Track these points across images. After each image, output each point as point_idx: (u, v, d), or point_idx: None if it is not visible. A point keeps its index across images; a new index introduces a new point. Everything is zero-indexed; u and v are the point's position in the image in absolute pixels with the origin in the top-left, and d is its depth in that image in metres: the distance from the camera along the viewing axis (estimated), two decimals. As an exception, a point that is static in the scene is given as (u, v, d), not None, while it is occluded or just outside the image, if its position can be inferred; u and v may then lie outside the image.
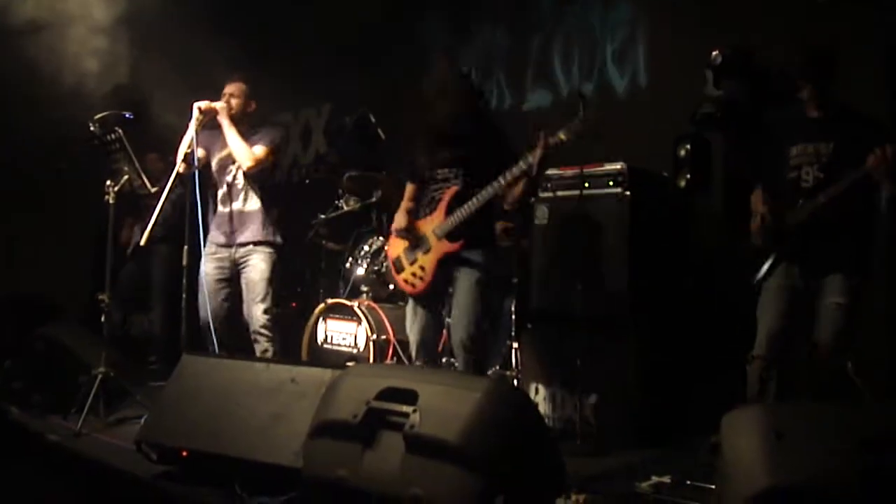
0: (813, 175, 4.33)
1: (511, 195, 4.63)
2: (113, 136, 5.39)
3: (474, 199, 4.55)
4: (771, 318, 4.39)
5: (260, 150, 5.51)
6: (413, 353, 4.90)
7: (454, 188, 4.67)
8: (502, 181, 4.48)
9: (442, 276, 4.72)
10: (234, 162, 5.58)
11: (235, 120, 5.56)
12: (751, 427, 2.83)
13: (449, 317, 5.14)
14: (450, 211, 4.65)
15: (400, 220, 4.84)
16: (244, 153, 5.47)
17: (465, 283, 4.65)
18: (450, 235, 4.64)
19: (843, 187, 4.15)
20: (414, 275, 4.76)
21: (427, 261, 4.72)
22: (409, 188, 4.99)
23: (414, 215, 4.86)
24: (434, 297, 4.86)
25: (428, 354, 4.86)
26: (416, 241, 4.77)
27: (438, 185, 4.78)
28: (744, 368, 5.09)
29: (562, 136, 4.41)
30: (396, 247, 4.91)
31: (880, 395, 4.53)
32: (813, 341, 4.24)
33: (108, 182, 5.42)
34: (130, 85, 5.79)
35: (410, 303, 4.88)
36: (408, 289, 4.83)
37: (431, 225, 4.72)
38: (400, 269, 4.85)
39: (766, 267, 4.43)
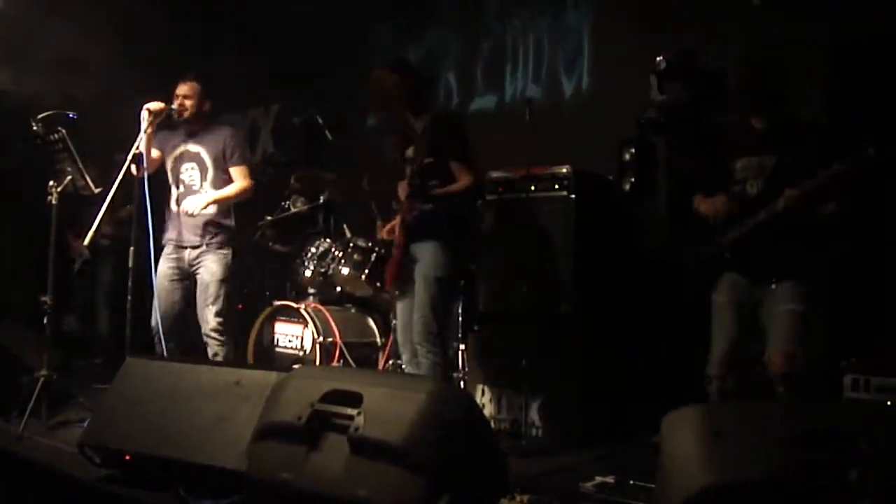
0: (757, 188, 4.28)
1: None
2: (56, 135, 5.31)
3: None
4: (722, 337, 4.35)
5: (241, 175, 5.66)
6: (399, 343, 5.04)
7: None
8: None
9: (399, 274, 4.79)
10: (189, 161, 5.60)
11: (190, 120, 5.55)
12: (690, 427, 2.87)
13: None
14: None
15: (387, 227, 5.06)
16: (241, 196, 5.68)
17: (417, 279, 4.72)
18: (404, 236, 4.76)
19: (766, 217, 4.13)
20: (384, 271, 4.99)
21: (392, 260, 4.84)
22: None
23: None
24: (406, 291, 4.89)
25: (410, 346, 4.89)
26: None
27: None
28: (686, 367, 5.18)
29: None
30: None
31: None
32: (766, 354, 4.17)
33: (51, 182, 5.33)
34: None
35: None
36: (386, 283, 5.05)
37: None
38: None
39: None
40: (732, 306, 4.35)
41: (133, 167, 5.21)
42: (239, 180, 5.64)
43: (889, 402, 4.34)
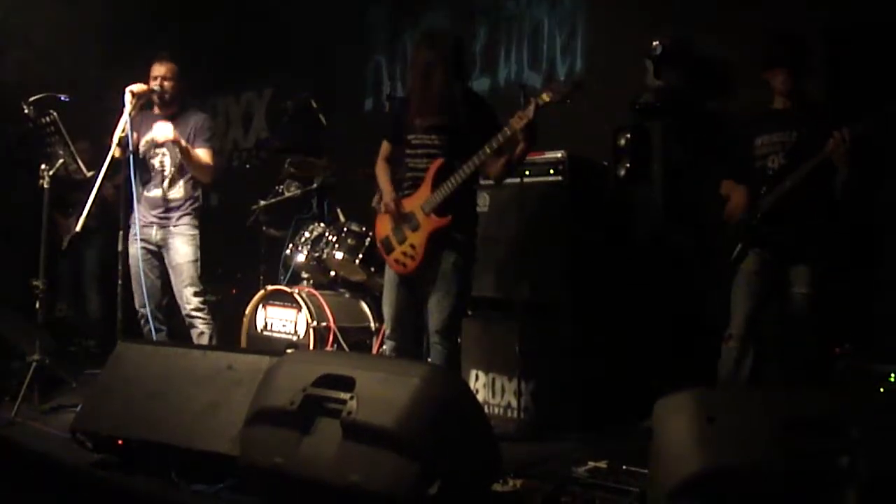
0: (778, 163, 4.51)
1: (494, 167, 4.56)
2: (47, 118, 5.29)
3: (462, 170, 4.41)
4: (748, 301, 4.57)
5: (207, 157, 5.60)
6: (388, 331, 4.76)
7: (439, 161, 4.51)
8: (488, 150, 4.34)
9: (433, 253, 4.53)
10: (160, 146, 5.58)
11: (167, 102, 5.55)
12: (683, 412, 2.87)
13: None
14: (436, 185, 4.49)
15: (388, 194, 4.66)
16: (200, 171, 5.60)
17: (445, 266, 4.52)
18: (438, 210, 4.48)
19: (807, 171, 4.32)
20: (405, 254, 4.57)
21: (417, 238, 4.53)
22: (386, 146, 4.84)
23: (395, 188, 4.71)
24: (420, 277, 4.63)
25: (405, 334, 4.72)
26: (402, 218, 4.59)
27: (419, 157, 4.61)
28: (679, 352, 5.20)
29: (545, 97, 4.30)
30: (383, 227, 4.71)
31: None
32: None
33: (43, 166, 5.32)
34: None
35: (390, 275, 4.73)
36: (399, 269, 4.63)
37: (419, 201, 4.54)
38: (390, 250, 4.65)
39: (737, 250, 4.60)
40: (760, 276, 4.57)
41: (118, 150, 5.25)
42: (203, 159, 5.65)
43: (881, 389, 4.36)
